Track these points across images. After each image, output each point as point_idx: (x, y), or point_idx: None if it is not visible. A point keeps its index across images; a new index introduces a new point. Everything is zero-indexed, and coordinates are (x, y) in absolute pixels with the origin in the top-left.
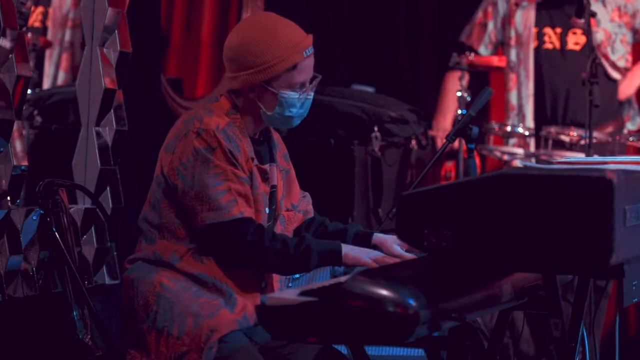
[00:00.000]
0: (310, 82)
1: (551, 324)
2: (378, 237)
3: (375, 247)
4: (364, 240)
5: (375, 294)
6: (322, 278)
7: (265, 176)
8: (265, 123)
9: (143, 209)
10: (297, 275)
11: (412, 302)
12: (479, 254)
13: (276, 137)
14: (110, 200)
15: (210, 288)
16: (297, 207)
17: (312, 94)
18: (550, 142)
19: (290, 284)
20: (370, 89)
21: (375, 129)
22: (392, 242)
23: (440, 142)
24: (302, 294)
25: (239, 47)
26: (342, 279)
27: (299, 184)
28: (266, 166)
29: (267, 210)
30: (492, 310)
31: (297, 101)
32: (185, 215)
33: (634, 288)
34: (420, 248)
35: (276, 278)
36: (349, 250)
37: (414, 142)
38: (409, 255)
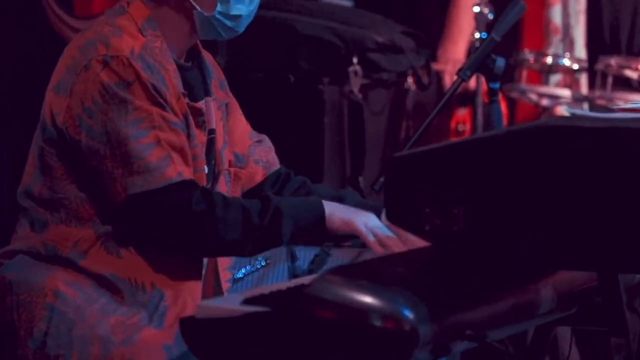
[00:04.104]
0: None
1: (611, 345)
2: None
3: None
4: None
5: (354, 301)
6: (276, 277)
7: (200, 119)
8: (197, 36)
9: (23, 179)
10: (241, 274)
11: (409, 314)
12: (505, 243)
13: (207, 57)
14: None
15: (126, 297)
16: (244, 157)
17: None
18: (609, 79)
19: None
20: (347, 3)
21: (355, 60)
22: None
23: (449, 79)
24: (248, 301)
25: None
26: (306, 279)
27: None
28: (200, 103)
29: (205, 168)
30: (525, 325)
31: None
32: (95, 184)
33: None
34: (420, 234)
35: (225, 277)
36: (334, 210)
37: (410, 79)
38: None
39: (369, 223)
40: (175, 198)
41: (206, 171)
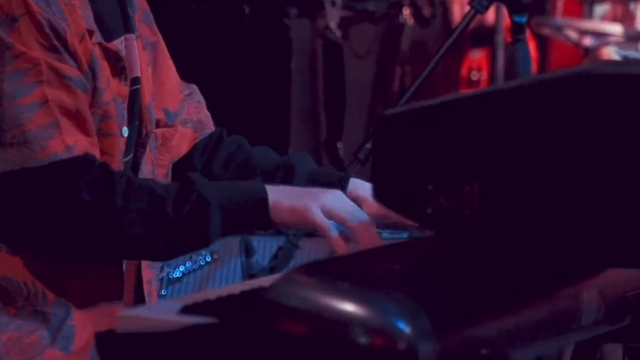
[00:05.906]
0: None
1: None
2: (356, 184)
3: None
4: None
5: (331, 310)
6: (226, 277)
7: (118, 64)
8: None
9: None
10: (178, 273)
11: (405, 327)
12: (533, 231)
13: None
14: None
15: (20, 307)
16: (176, 115)
17: None
18: None
19: (163, 291)
20: None
21: None
22: None
23: (458, 11)
24: (188, 309)
25: None
26: (267, 279)
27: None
28: (117, 42)
29: (125, 131)
30: (560, 341)
31: None
32: None
33: None
34: (420, 219)
35: (148, 275)
36: (278, 195)
37: (407, 11)
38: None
39: (327, 205)
40: (59, 181)
41: (126, 135)
